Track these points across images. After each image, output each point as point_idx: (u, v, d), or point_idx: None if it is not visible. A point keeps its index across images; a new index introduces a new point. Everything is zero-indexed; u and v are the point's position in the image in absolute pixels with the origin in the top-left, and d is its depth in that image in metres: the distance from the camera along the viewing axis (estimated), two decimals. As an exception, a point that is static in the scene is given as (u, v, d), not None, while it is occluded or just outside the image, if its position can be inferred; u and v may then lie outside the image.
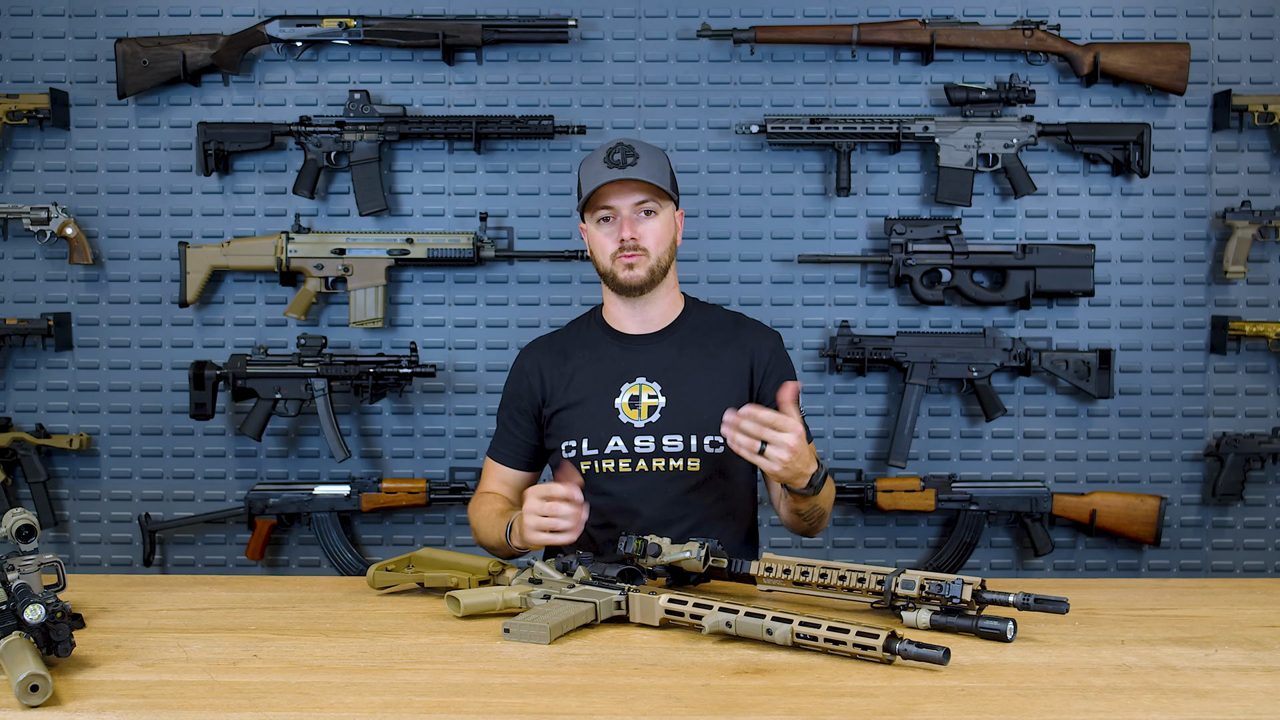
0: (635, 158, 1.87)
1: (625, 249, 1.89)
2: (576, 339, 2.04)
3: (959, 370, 2.87)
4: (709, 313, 2.05)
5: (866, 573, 1.54)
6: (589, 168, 1.91)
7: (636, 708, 1.21)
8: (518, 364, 2.06)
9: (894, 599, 1.50)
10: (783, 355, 2.02)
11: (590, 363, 1.98)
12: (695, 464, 1.91)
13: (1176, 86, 2.85)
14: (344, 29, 2.86)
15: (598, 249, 1.93)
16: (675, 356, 1.96)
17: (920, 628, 1.47)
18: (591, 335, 2.03)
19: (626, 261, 1.90)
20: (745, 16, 2.92)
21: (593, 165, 1.91)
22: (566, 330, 2.09)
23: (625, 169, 1.86)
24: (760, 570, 1.61)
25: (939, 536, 2.99)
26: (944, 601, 1.47)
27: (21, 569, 1.42)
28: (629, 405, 1.92)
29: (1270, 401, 2.97)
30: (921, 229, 2.86)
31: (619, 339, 2.00)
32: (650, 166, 1.89)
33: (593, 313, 2.07)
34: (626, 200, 1.89)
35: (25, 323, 2.90)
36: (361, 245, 2.88)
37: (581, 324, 2.07)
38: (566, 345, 2.03)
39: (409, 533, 3.01)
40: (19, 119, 2.89)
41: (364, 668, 1.35)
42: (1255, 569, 3.00)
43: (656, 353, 1.97)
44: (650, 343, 1.98)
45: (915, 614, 1.48)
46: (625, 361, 1.96)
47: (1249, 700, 1.24)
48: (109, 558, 3.02)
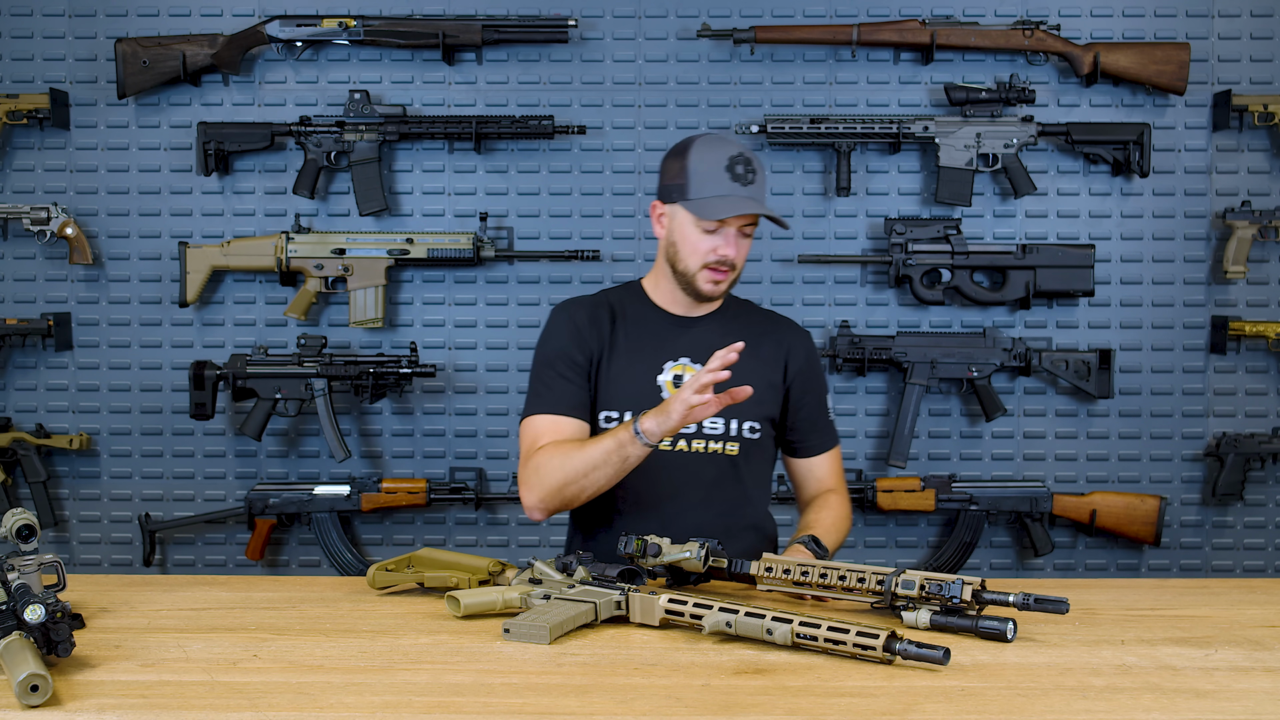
0: (754, 174, 1.87)
1: (722, 265, 1.89)
2: (621, 307, 2.00)
3: (959, 370, 2.87)
4: (747, 305, 2.09)
5: (866, 573, 1.54)
6: (706, 166, 1.86)
7: (636, 708, 1.21)
8: (563, 318, 1.98)
9: (894, 599, 1.50)
10: (815, 356, 2.06)
11: (635, 334, 1.97)
12: (734, 448, 1.93)
13: (1176, 86, 2.85)
14: (344, 29, 2.86)
15: (688, 248, 1.89)
16: (717, 341, 1.95)
17: (920, 628, 1.47)
18: (636, 308, 2.00)
19: (714, 277, 1.90)
20: (745, 16, 2.92)
21: (712, 166, 1.85)
22: (607, 295, 2.05)
23: (749, 187, 1.85)
24: (760, 570, 1.61)
25: (939, 536, 2.99)
26: (944, 601, 1.47)
27: (21, 569, 1.42)
28: (673, 384, 1.93)
29: (1270, 401, 2.97)
30: (921, 229, 2.86)
31: (666, 317, 1.99)
32: (763, 186, 1.90)
33: (632, 285, 2.06)
34: (739, 220, 1.88)
35: (25, 323, 2.90)
36: (361, 245, 2.88)
37: (623, 293, 2.04)
38: (611, 309, 2.00)
39: (409, 533, 3.01)
40: (19, 119, 2.89)
41: (364, 668, 1.35)
42: (1255, 569, 3.00)
43: (700, 335, 1.97)
44: (697, 325, 1.99)
45: (915, 614, 1.48)
46: (670, 339, 1.97)
47: (1249, 700, 1.23)
48: (109, 558, 3.02)
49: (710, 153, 1.86)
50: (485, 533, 3.01)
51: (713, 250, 1.87)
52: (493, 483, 2.97)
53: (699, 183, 1.86)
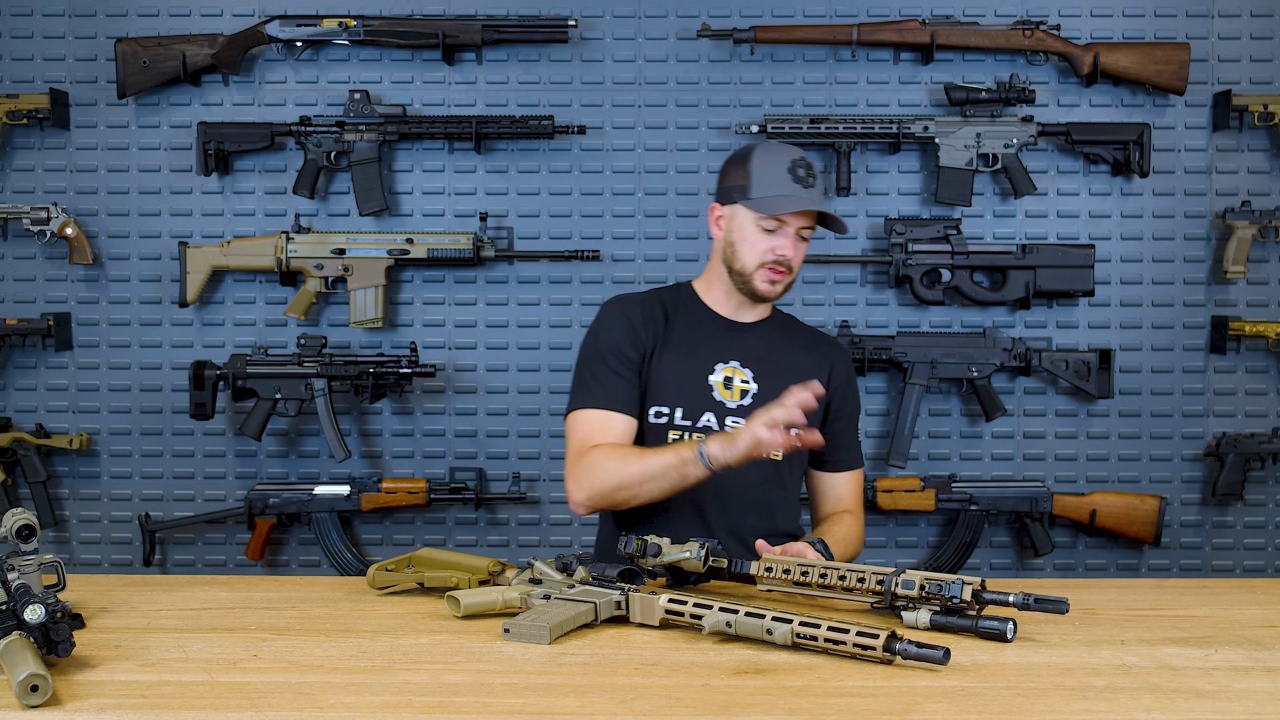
0: (815, 178, 1.90)
1: (779, 266, 1.92)
2: (673, 306, 2.03)
3: (959, 370, 2.87)
4: (791, 319, 2.12)
5: (866, 573, 1.54)
6: (768, 169, 1.89)
7: (636, 708, 1.21)
8: (617, 313, 1.99)
9: (894, 599, 1.50)
10: (853, 375, 2.10)
11: (687, 333, 1.99)
12: (779, 453, 1.93)
13: (1176, 86, 2.85)
14: (344, 29, 2.86)
15: (747, 247, 1.92)
16: (766, 348, 2.00)
17: (920, 628, 1.47)
18: (688, 308, 2.03)
19: (772, 277, 1.93)
20: (745, 16, 2.92)
21: (774, 168, 1.89)
22: (659, 294, 2.07)
23: (810, 189, 1.89)
24: (760, 570, 1.61)
25: (939, 536, 2.99)
26: (944, 601, 1.47)
27: (21, 569, 1.42)
28: (723, 385, 1.95)
29: (1270, 401, 2.97)
30: (921, 229, 2.86)
31: (718, 320, 2.02)
32: (822, 193, 1.93)
33: (683, 288, 2.08)
34: (800, 220, 1.91)
35: (25, 323, 2.90)
36: (361, 245, 2.88)
37: (674, 294, 2.07)
38: (665, 307, 2.02)
39: (409, 533, 3.01)
40: (19, 119, 2.89)
41: (364, 668, 1.35)
42: (1255, 569, 3.00)
43: (750, 341, 2.00)
44: (747, 331, 2.02)
45: (915, 614, 1.48)
46: (721, 342, 1.99)
47: (1249, 700, 1.24)
48: (109, 558, 3.02)
49: (773, 155, 1.91)
50: (485, 533, 3.01)
51: (771, 250, 1.91)
52: (493, 483, 2.97)
53: (761, 183, 1.89)
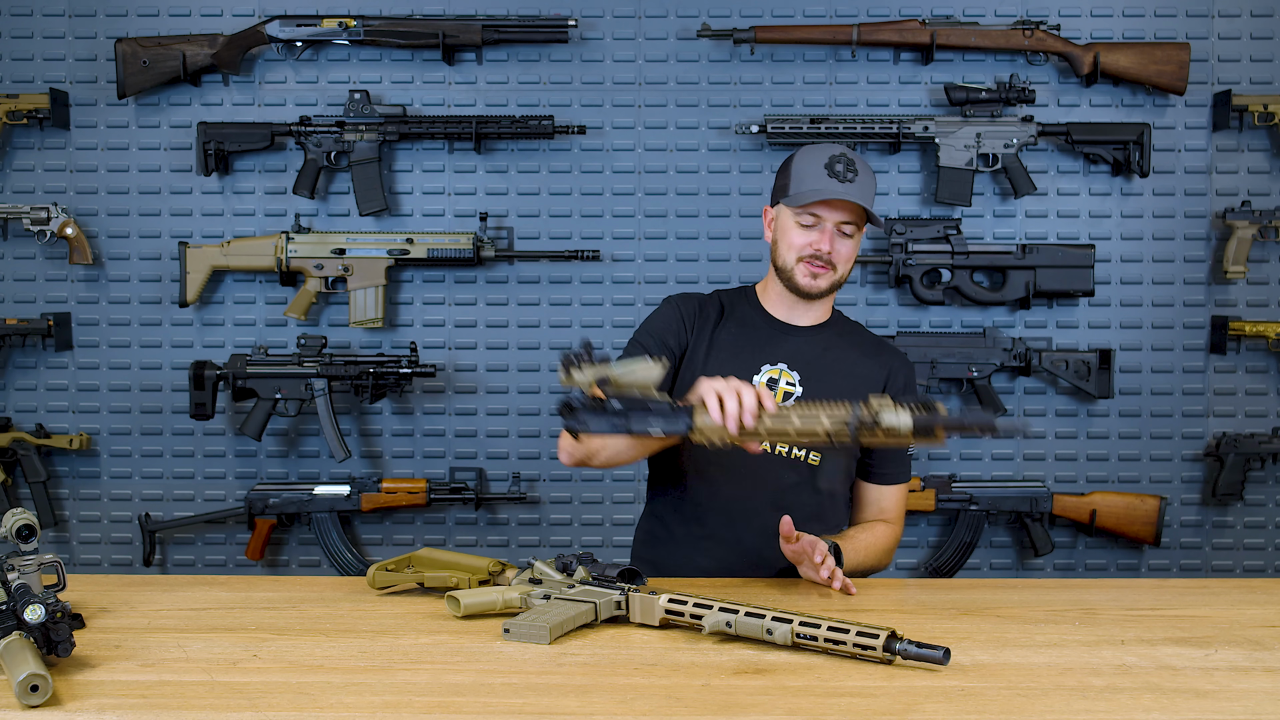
0: (855, 174, 1.89)
1: (818, 260, 1.92)
2: (731, 306, 2.05)
3: (959, 370, 2.86)
4: (854, 326, 2.11)
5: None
6: (807, 165, 1.91)
7: (636, 708, 1.21)
8: (671, 306, 2.02)
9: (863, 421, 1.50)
10: (914, 386, 2.08)
11: (738, 334, 2.00)
12: (816, 458, 1.93)
13: (1176, 86, 2.85)
14: (344, 29, 2.86)
15: (786, 243, 1.94)
16: (819, 354, 1.99)
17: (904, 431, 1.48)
18: (744, 309, 2.04)
19: (812, 270, 1.93)
20: (745, 16, 2.92)
21: (813, 165, 1.90)
22: (720, 294, 2.09)
23: (845, 184, 1.88)
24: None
25: (939, 536, 2.99)
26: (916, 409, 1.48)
27: (21, 569, 1.42)
28: (767, 386, 1.95)
29: (1270, 401, 2.97)
30: (921, 229, 2.86)
31: (771, 321, 2.02)
32: (866, 188, 1.91)
33: (746, 291, 2.09)
34: (836, 215, 1.90)
35: (25, 323, 2.90)
36: (361, 245, 2.88)
37: (734, 295, 2.09)
38: (721, 307, 2.04)
39: (409, 533, 3.01)
40: (19, 119, 2.90)
41: (364, 668, 1.35)
42: (1255, 569, 3.00)
43: (802, 344, 1.99)
44: (799, 334, 2.01)
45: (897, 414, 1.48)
46: (771, 344, 1.99)
47: (1249, 700, 1.23)
48: (109, 558, 3.02)
49: (814, 153, 1.92)
50: (485, 533, 3.01)
51: (809, 244, 1.91)
52: (493, 483, 2.97)
53: (799, 180, 1.91)
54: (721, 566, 1.90)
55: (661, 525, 2.02)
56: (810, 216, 1.91)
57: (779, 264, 1.97)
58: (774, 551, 1.87)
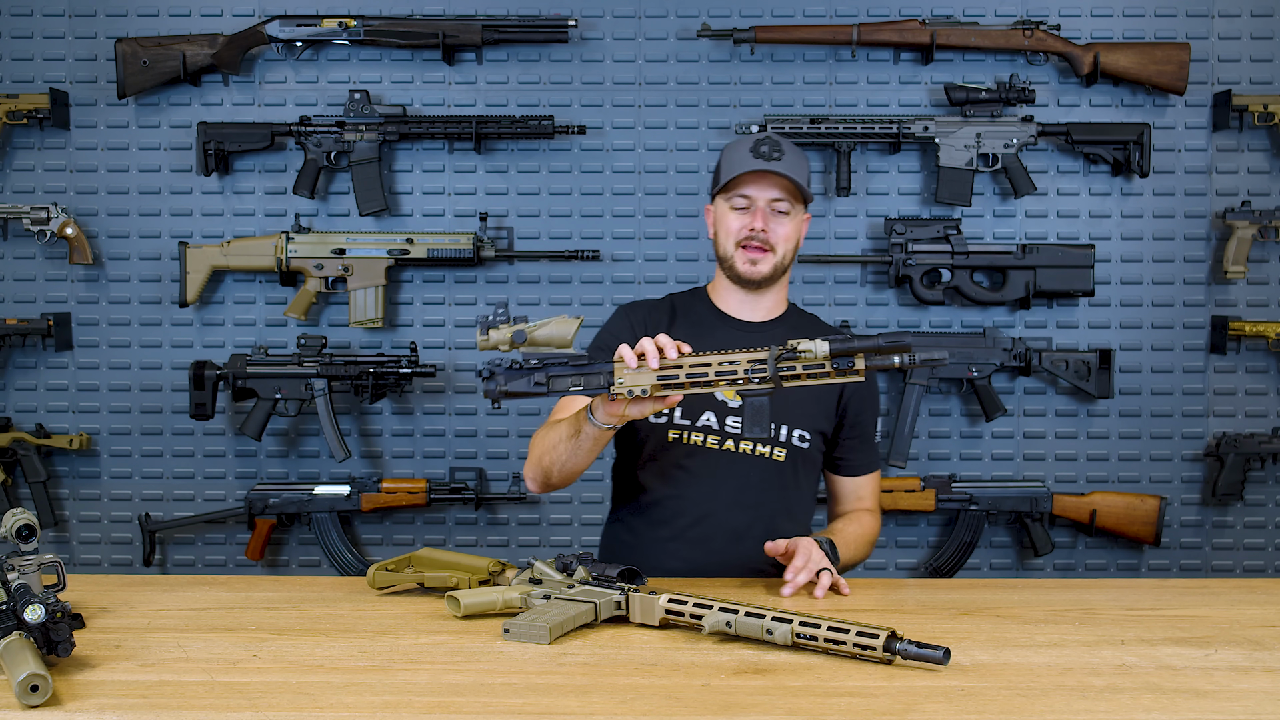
0: (781, 153, 1.90)
1: (754, 241, 1.92)
2: (684, 309, 2.04)
3: (959, 370, 2.86)
4: (809, 318, 2.10)
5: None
6: (733, 153, 1.94)
7: (636, 708, 1.21)
8: (620, 316, 2.03)
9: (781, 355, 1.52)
10: (874, 377, 2.07)
11: (694, 336, 1.96)
12: (781, 454, 1.93)
13: (1176, 86, 2.85)
14: (344, 29, 2.86)
15: (723, 232, 1.96)
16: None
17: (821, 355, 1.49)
18: (698, 311, 2.04)
19: (750, 256, 1.93)
20: (745, 16, 2.92)
21: (737, 151, 1.93)
22: (672, 298, 2.09)
23: (771, 162, 1.89)
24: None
25: (939, 536, 2.99)
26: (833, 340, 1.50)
27: (21, 569, 1.42)
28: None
29: (1270, 401, 2.97)
30: (921, 229, 2.86)
31: (725, 320, 2.02)
32: (793, 165, 1.91)
33: (698, 292, 2.09)
34: (765, 193, 1.91)
35: (25, 323, 2.90)
36: (361, 245, 2.88)
37: (687, 298, 2.08)
38: (672, 313, 2.03)
39: (409, 533, 3.01)
40: (19, 119, 2.90)
41: (364, 668, 1.35)
42: (1255, 569, 3.00)
43: (758, 340, 1.98)
44: (755, 330, 2.01)
45: (814, 344, 1.50)
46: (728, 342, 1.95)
47: (1249, 700, 1.24)
48: (109, 558, 3.02)
49: (739, 142, 1.95)
50: (485, 533, 3.01)
51: (743, 227, 1.92)
52: (493, 483, 2.97)
53: (728, 168, 1.93)
54: (690, 568, 1.88)
55: (628, 530, 2.00)
56: (741, 198, 1.92)
57: (721, 255, 1.98)
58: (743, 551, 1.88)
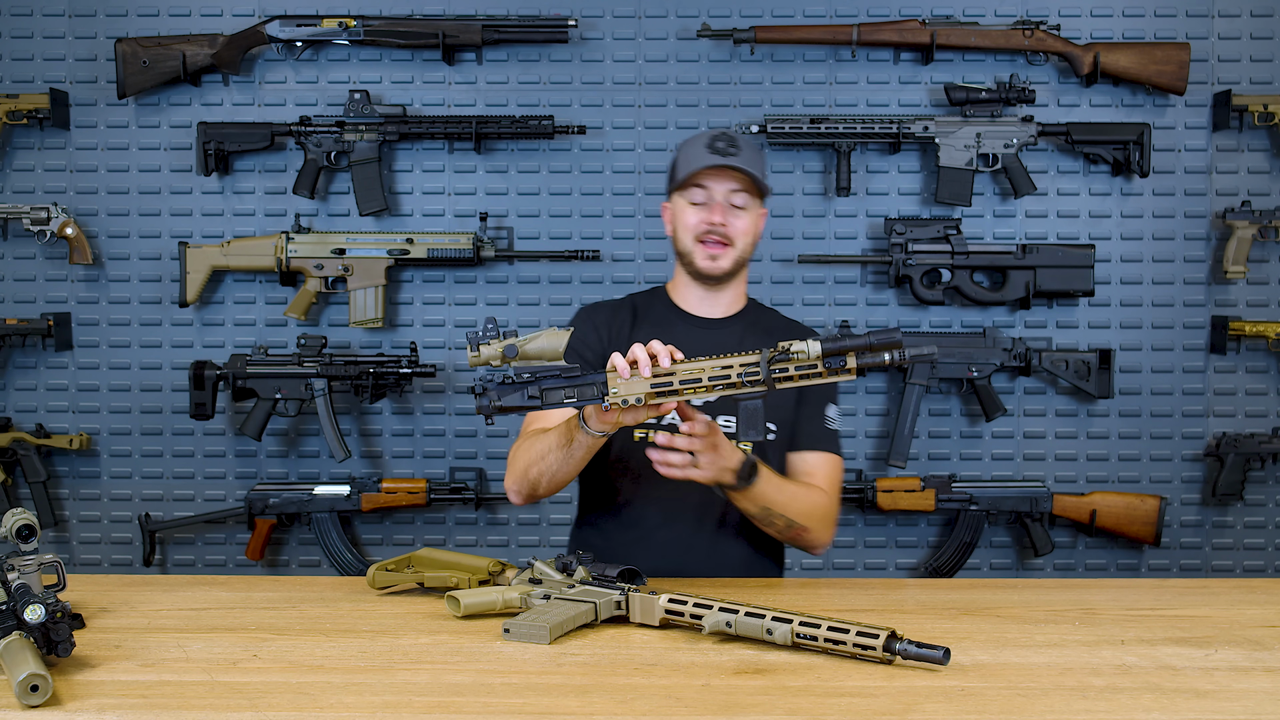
0: (737, 148, 1.91)
1: (713, 235, 1.92)
2: (643, 310, 2.05)
3: (959, 370, 2.86)
4: (769, 313, 2.11)
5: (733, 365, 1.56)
6: (689, 149, 1.94)
7: (636, 708, 1.21)
8: (582, 318, 2.04)
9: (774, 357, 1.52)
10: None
11: (653, 334, 1.97)
12: (748, 446, 1.93)
13: (1176, 86, 2.85)
14: (344, 29, 2.86)
15: (682, 228, 1.96)
16: (737, 344, 1.97)
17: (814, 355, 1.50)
18: (657, 310, 2.04)
19: (710, 252, 1.93)
20: (745, 16, 2.92)
21: (693, 147, 1.93)
22: (631, 299, 2.09)
23: (727, 157, 1.89)
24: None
25: (939, 536, 2.99)
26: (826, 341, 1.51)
27: (21, 569, 1.42)
28: None
29: (1270, 401, 2.97)
30: (921, 229, 2.86)
31: (686, 318, 2.02)
32: (749, 159, 1.93)
33: (657, 291, 2.09)
34: (722, 187, 1.92)
35: (25, 323, 2.90)
36: (361, 245, 2.88)
37: (647, 297, 2.08)
38: (633, 313, 2.04)
39: (409, 533, 3.01)
40: (19, 119, 2.90)
41: (364, 668, 1.35)
42: (1255, 569, 3.00)
43: (720, 336, 1.99)
44: (715, 326, 2.01)
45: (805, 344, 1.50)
46: (688, 339, 1.95)
47: (1249, 700, 1.24)
48: (109, 558, 3.02)
49: (694, 140, 1.96)
50: (485, 533, 3.01)
51: (701, 221, 1.92)
52: (493, 483, 2.97)
53: (684, 165, 1.94)
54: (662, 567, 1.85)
55: (597, 533, 1.99)
56: (698, 191, 1.92)
57: (680, 250, 1.98)
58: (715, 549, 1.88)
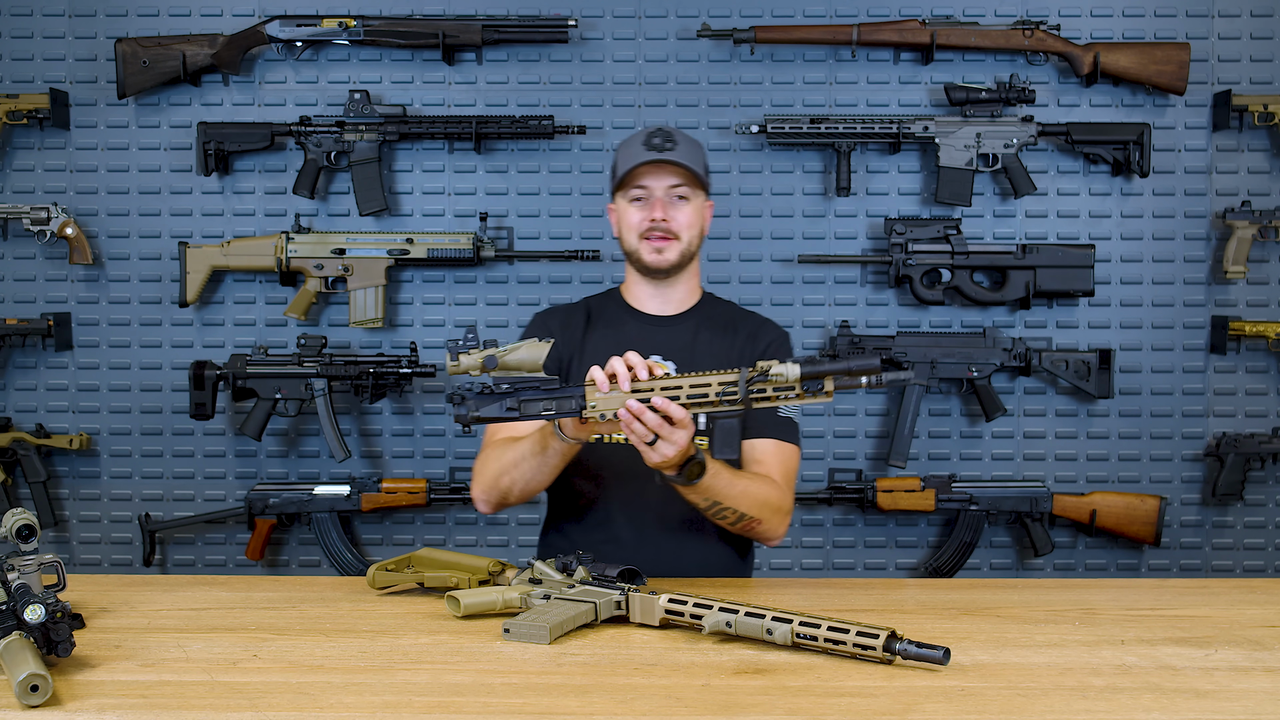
0: (674, 143, 1.92)
1: (656, 231, 1.92)
2: (598, 311, 2.06)
3: (959, 370, 2.86)
4: (724, 306, 2.10)
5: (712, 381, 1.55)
6: (627, 149, 1.96)
7: (636, 708, 1.21)
8: (537, 324, 2.05)
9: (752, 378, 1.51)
10: (784, 346, 2.05)
11: (609, 336, 2.00)
12: (703, 442, 1.92)
13: (1176, 86, 2.85)
14: (344, 29, 2.86)
15: (626, 227, 1.97)
16: (691, 339, 1.99)
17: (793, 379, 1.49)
18: (611, 311, 2.05)
19: (655, 246, 1.94)
20: (745, 16, 2.92)
21: (631, 146, 1.95)
22: (586, 302, 2.10)
23: (663, 152, 1.90)
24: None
25: (939, 536, 2.99)
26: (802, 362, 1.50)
27: (21, 569, 1.42)
28: None
29: (1270, 401, 2.97)
30: (921, 229, 2.86)
31: (638, 317, 2.02)
32: (687, 153, 1.93)
33: (612, 292, 2.10)
34: (661, 182, 1.93)
35: (25, 323, 2.90)
36: (361, 245, 2.88)
37: (602, 299, 2.09)
38: (588, 315, 2.05)
39: (409, 533, 3.01)
40: (19, 119, 2.89)
41: (364, 668, 1.35)
42: (1255, 569, 3.00)
43: (674, 333, 1.99)
44: (669, 323, 2.01)
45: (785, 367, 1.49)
46: (643, 338, 1.98)
47: (1249, 700, 1.24)
48: (109, 558, 3.02)
49: (631, 139, 1.97)
50: (485, 533, 3.01)
51: (644, 218, 1.93)
52: (493, 483, 2.97)
53: (623, 163, 1.95)
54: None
55: (563, 538, 1.98)
56: (639, 189, 1.93)
57: (627, 249, 1.98)
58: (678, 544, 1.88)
